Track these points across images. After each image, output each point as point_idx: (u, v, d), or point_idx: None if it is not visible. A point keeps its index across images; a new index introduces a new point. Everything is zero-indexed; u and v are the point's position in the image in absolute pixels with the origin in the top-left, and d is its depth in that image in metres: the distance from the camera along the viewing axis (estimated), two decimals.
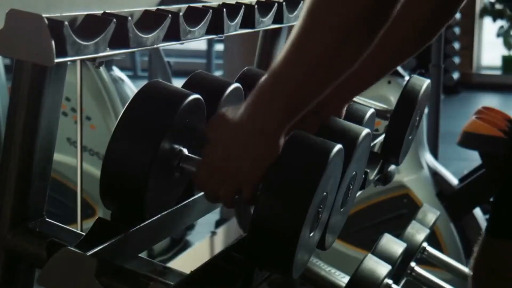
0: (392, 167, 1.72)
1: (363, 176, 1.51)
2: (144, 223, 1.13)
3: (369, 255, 1.60)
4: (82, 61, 1.14)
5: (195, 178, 1.12)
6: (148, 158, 1.06)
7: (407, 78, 1.71)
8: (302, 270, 1.15)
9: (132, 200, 1.08)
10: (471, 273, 1.49)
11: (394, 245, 1.72)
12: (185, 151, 1.13)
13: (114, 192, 1.09)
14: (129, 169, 1.06)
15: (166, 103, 1.10)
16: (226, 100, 1.25)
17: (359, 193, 1.52)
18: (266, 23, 1.54)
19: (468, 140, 2.98)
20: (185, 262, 3.07)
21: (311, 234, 1.13)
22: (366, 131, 1.28)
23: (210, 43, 7.93)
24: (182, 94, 1.12)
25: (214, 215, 3.59)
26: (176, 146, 1.12)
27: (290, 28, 1.75)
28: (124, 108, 1.09)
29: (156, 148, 1.07)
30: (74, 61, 1.02)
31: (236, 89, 1.28)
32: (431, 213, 1.98)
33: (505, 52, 9.82)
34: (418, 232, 1.88)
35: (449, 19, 1.40)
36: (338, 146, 1.10)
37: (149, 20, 1.19)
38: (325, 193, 1.11)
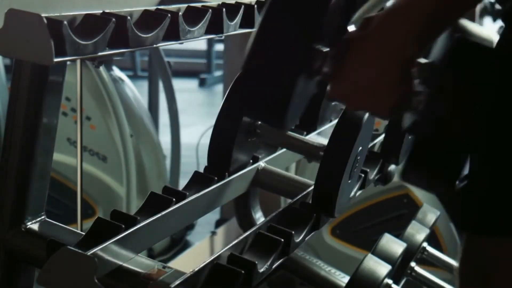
0: (392, 167, 1.72)
1: (363, 175, 1.51)
2: (143, 223, 1.13)
3: (369, 255, 1.60)
4: (82, 61, 1.14)
5: (329, 92, 1.08)
6: (298, 55, 1.02)
7: None
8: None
9: (276, 97, 1.04)
10: (458, 278, 1.43)
11: (394, 245, 1.72)
12: (329, 53, 1.07)
13: (256, 93, 1.05)
14: (277, 63, 1.02)
15: None
16: None
17: (359, 193, 1.52)
18: None
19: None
20: (185, 262, 3.07)
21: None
22: None
23: (210, 43, 7.94)
24: None
25: (214, 215, 3.59)
26: (321, 47, 1.06)
27: None
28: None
29: (305, 46, 1.02)
30: (73, 61, 1.02)
31: None
32: (431, 213, 1.98)
33: None
34: (418, 232, 1.88)
35: None
36: None
37: (148, 20, 1.19)
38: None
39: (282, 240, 1.20)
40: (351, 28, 1.10)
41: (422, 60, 1.07)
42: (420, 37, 1.02)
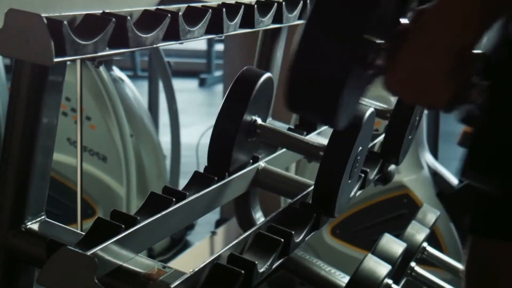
0: (392, 167, 1.72)
1: (363, 175, 1.51)
2: (143, 223, 1.13)
3: (369, 255, 1.60)
4: (82, 61, 1.14)
5: (385, 81, 1.05)
6: (350, 47, 0.98)
7: None
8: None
9: (327, 92, 1.00)
10: (464, 279, 1.41)
11: (394, 245, 1.72)
12: (383, 45, 1.04)
13: (305, 88, 1.00)
14: (328, 56, 0.98)
15: None
16: None
17: (359, 193, 1.52)
18: (265, 23, 1.54)
19: (468, 140, 2.98)
20: (185, 262, 3.07)
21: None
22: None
23: (210, 43, 7.94)
24: None
25: (214, 215, 3.59)
26: (374, 39, 1.03)
27: (290, 28, 1.76)
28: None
29: (358, 38, 0.98)
30: (73, 61, 1.02)
31: None
32: (431, 213, 1.98)
33: None
34: (418, 232, 1.88)
35: None
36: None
37: (148, 20, 1.19)
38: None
39: (282, 240, 1.20)
40: (404, 20, 1.07)
41: (476, 51, 1.04)
42: (476, 25, 0.99)
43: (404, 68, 1.02)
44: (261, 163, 1.52)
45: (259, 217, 1.70)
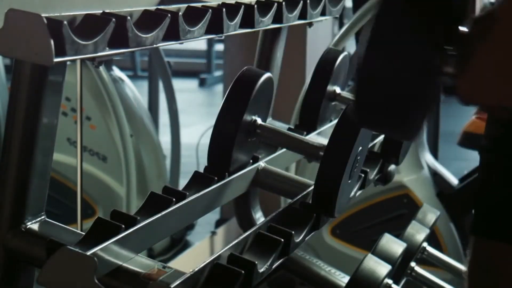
0: (392, 167, 1.72)
1: (363, 175, 1.51)
2: (143, 223, 1.13)
3: (369, 255, 1.60)
4: (82, 61, 1.14)
5: (459, 89, 0.98)
6: (422, 55, 0.94)
7: None
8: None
9: (398, 103, 0.95)
10: (466, 280, 1.40)
11: (394, 245, 1.72)
12: (451, 51, 0.99)
13: (374, 101, 0.97)
14: (398, 65, 0.93)
15: None
16: None
17: (359, 193, 1.52)
18: (265, 23, 1.54)
19: (468, 140, 2.98)
20: (185, 262, 3.07)
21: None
22: None
23: (210, 43, 7.94)
24: None
25: (214, 215, 3.59)
26: (441, 45, 0.97)
27: (290, 28, 1.75)
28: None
29: (430, 45, 0.95)
30: (73, 61, 1.02)
31: None
32: (431, 213, 1.98)
33: None
34: (418, 232, 1.87)
35: None
36: None
37: (148, 20, 1.19)
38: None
39: (282, 240, 1.20)
40: (463, 28, 1.02)
41: None
42: None
43: (481, 69, 0.97)
44: (261, 163, 1.52)
45: (259, 217, 1.70)
